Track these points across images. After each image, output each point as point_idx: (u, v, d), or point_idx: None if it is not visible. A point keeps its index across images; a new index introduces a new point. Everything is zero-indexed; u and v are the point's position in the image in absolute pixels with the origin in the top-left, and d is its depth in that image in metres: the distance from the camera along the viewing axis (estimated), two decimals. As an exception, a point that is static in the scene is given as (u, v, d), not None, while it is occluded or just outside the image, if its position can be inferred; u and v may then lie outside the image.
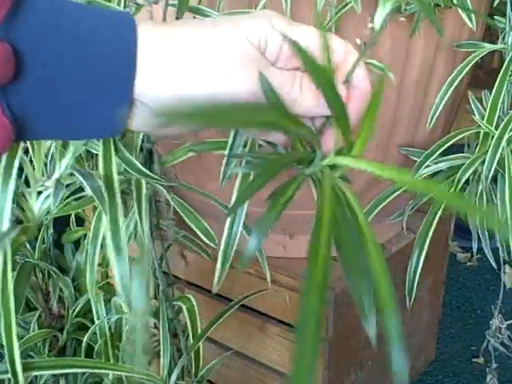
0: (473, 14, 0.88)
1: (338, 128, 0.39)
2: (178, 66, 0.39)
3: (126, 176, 0.65)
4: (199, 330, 0.76)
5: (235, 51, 0.40)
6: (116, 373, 0.72)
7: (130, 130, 0.43)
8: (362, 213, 0.36)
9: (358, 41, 0.61)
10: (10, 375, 0.63)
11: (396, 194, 0.99)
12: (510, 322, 1.05)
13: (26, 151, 0.67)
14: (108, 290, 0.82)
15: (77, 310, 0.77)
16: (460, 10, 0.87)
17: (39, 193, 0.68)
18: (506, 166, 0.93)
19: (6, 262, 0.60)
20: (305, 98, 0.42)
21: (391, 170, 0.35)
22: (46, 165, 0.68)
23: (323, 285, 0.29)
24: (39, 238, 0.94)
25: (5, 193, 0.60)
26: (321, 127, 0.45)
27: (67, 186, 0.67)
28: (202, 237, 0.71)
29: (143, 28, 0.40)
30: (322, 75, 0.37)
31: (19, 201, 0.66)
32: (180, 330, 0.76)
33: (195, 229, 0.70)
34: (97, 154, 0.66)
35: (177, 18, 0.65)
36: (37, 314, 0.81)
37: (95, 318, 0.76)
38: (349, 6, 0.80)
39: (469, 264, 2.11)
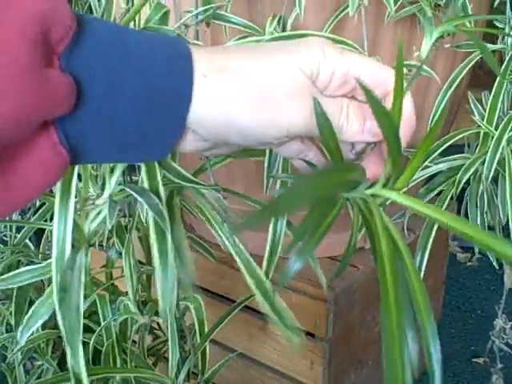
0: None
1: (389, 159, 0.39)
2: (232, 97, 0.40)
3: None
4: (206, 330, 0.76)
5: (289, 81, 0.41)
6: (124, 375, 0.72)
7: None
8: (407, 249, 0.36)
9: (405, 69, 0.62)
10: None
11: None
12: (512, 322, 1.05)
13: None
14: (113, 291, 0.82)
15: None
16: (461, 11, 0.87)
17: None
18: (507, 166, 0.93)
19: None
20: (352, 125, 0.44)
21: (438, 212, 0.35)
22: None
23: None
24: (43, 238, 0.95)
25: (65, 215, 0.60)
26: (361, 152, 0.45)
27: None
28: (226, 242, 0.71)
29: (198, 58, 0.40)
30: (387, 119, 0.37)
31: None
32: (187, 331, 0.76)
33: (220, 233, 0.70)
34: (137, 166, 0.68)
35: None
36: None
37: (101, 320, 0.76)
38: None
39: (469, 264, 2.11)
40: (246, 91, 0.40)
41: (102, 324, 0.75)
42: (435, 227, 0.92)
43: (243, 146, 0.46)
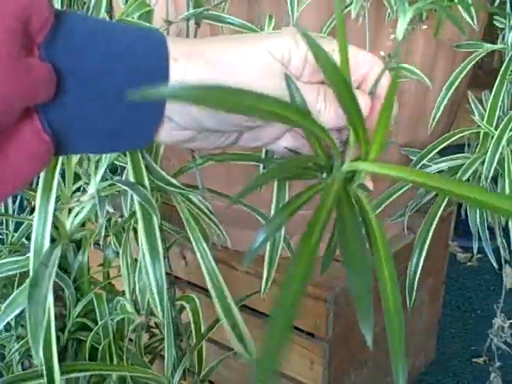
0: (474, 13, 0.88)
1: (353, 133, 0.39)
2: (203, 79, 0.41)
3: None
4: (203, 330, 0.76)
5: (258, 63, 0.42)
6: (120, 373, 0.72)
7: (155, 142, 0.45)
8: (374, 216, 0.36)
9: (382, 53, 0.62)
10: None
11: (397, 195, 0.99)
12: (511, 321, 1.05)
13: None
14: (110, 289, 0.82)
15: (78, 310, 0.77)
16: (461, 9, 0.87)
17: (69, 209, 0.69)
18: (506, 166, 0.93)
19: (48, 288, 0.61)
20: (329, 110, 0.44)
21: (414, 172, 0.35)
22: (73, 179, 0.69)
23: (304, 278, 0.30)
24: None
25: (45, 209, 0.61)
26: (346, 139, 0.45)
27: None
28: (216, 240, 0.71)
29: (172, 44, 0.41)
30: (337, 78, 0.37)
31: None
32: (183, 330, 0.76)
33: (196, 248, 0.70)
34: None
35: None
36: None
37: (98, 318, 0.76)
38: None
39: (469, 264, 2.11)
40: (216, 74, 0.41)
41: (100, 323, 0.76)
42: (433, 226, 0.92)
43: (220, 133, 0.46)
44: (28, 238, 0.95)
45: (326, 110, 0.44)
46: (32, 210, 0.96)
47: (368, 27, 0.82)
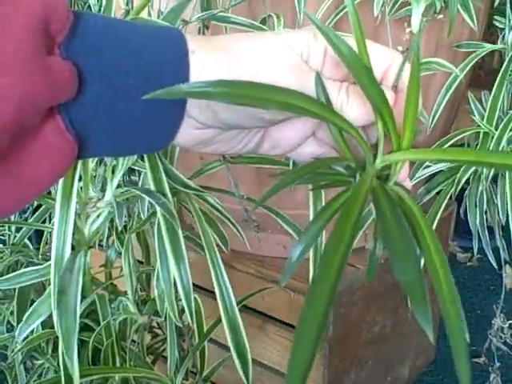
0: (474, 13, 0.88)
1: (382, 125, 0.38)
2: (221, 70, 0.40)
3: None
4: (205, 330, 0.76)
5: (281, 58, 0.41)
6: (123, 374, 0.72)
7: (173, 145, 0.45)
8: (418, 210, 0.35)
9: (400, 48, 0.61)
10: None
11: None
12: (511, 321, 1.05)
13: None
14: (112, 290, 0.82)
15: (80, 310, 0.77)
16: (461, 10, 0.87)
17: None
18: (507, 166, 0.93)
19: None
20: (352, 106, 0.42)
21: (451, 151, 0.34)
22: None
23: (334, 284, 0.29)
24: (43, 239, 0.94)
25: (66, 216, 0.60)
26: (375, 144, 0.44)
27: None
28: (218, 241, 0.71)
29: (189, 38, 0.41)
30: (363, 72, 0.37)
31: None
32: (185, 330, 0.76)
33: (212, 233, 0.70)
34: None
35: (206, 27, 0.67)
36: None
37: (100, 319, 0.76)
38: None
39: (469, 264, 2.11)
40: (234, 65, 0.41)
41: (102, 323, 0.76)
42: (434, 225, 0.92)
43: (240, 136, 0.45)
44: (29, 239, 0.95)
45: (349, 106, 0.42)
46: (34, 212, 0.96)
47: (389, 25, 0.82)
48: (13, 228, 0.96)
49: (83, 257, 0.63)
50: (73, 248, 0.64)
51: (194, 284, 1.21)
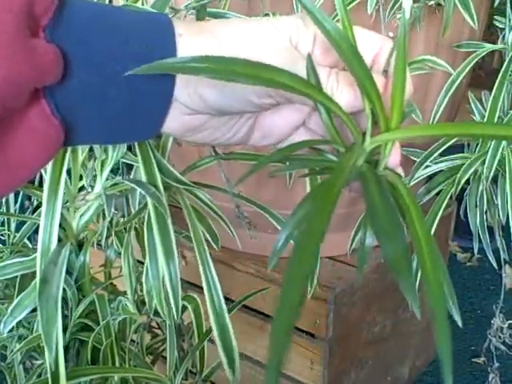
0: (474, 12, 0.88)
1: (370, 108, 0.38)
2: (208, 52, 0.40)
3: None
4: (204, 330, 0.76)
5: (268, 40, 0.41)
6: (122, 374, 0.72)
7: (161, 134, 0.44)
8: (408, 193, 0.35)
9: (391, 34, 0.61)
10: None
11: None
12: (511, 321, 1.05)
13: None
14: (112, 290, 0.82)
15: (80, 310, 0.77)
16: (462, 10, 0.87)
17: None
18: (507, 166, 0.93)
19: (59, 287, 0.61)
20: (342, 91, 0.42)
21: (438, 126, 0.34)
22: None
23: (307, 274, 0.29)
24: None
25: (53, 208, 0.60)
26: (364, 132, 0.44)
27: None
28: (209, 238, 0.71)
29: (176, 22, 0.41)
30: (351, 53, 0.37)
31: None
32: (185, 330, 0.76)
33: (202, 230, 0.70)
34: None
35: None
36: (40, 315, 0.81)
37: (100, 319, 0.76)
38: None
39: (469, 264, 2.11)
40: (222, 47, 0.40)
41: (101, 323, 0.75)
42: (435, 224, 0.92)
43: (225, 113, 0.44)
44: (29, 239, 0.95)
45: (339, 91, 0.42)
46: (34, 210, 0.95)
47: (383, 20, 0.82)
48: (12, 228, 0.96)
49: (68, 249, 0.63)
50: (60, 240, 0.64)
51: (193, 284, 1.21)
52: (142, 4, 0.67)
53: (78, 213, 0.67)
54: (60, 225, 0.62)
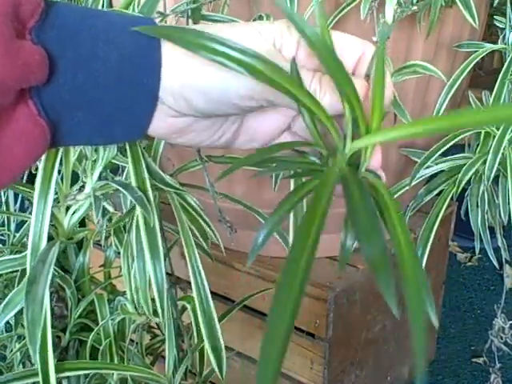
0: (475, 12, 0.88)
1: (350, 112, 0.38)
2: (194, 57, 0.40)
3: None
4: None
5: (251, 44, 0.41)
6: (121, 373, 0.72)
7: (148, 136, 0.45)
8: (389, 196, 0.35)
9: (374, 38, 0.61)
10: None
11: (397, 194, 0.99)
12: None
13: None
14: (111, 290, 0.82)
15: (79, 310, 0.77)
16: (463, 9, 0.87)
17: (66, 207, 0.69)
18: (508, 165, 0.93)
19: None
20: (325, 93, 0.42)
21: (423, 122, 0.34)
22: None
23: (305, 274, 0.29)
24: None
25: (43, 207, 0.60)
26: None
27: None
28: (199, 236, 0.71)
29: (162, 26, 0.42)
30: (329, 57, 0.37)
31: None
32: (184, 330, 0.76)
33: (195, 230, 0.70)
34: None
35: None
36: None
37: (99, 319, 0.76)
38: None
39: (469, 264, 2.11)
40: None
41: (100, 323, 0.75)
42: (436, 226, 0.92)
43: (211, 115, 0.44)
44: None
45: (322, 94, 0.42)
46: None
47: (376, 24, 0.82)
48: (12, 228, 0.96)
49: (58, 248, 0.63)
50: (52, 239, 0.64)
51: (191, 283, 1.21)
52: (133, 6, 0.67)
53: (69, 211, 0.68)
54: (52, 224, 0.63)
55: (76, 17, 0.39)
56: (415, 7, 0.84)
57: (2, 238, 0.98)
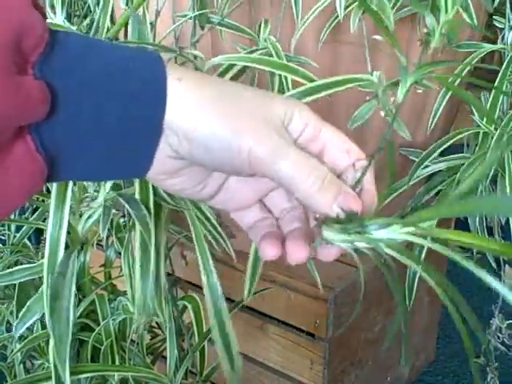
0: (474, 13, 0.88)
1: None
2: (204, 103, 0.40)
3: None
4: (204, 330, 0.76)
5: (260, 110, 0.41)
6: (122, 374, 0.72)
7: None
8: None
9: (382, 113, 0.62)
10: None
11: (396, 194, 0.99)
12: (510, 321, 1.05)
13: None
14: (112, 290, 0.82)
15: (80, 310, 0.77)
16: (461, 10, 0.87)
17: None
18: (506, 165, 0.93)
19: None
20: (326, 191, 0.42)
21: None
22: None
23: None
24: (43, 238, 0.94)
25: (60, 214, 0.60)
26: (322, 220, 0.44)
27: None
28: (213, 242, 0.71)
29: (172, 66, 0.41)
30: None
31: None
32: (185, 330, 0.76)
33: (208, 235, 0.70)
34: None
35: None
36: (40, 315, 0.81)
37: (100, 319, 0.76)
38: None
39: (469, 264, 2.11)
40: (218, 100, 0.41)
41: (101, 323, 0.76)
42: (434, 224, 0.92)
43: (205, 166, 0.44)
44: (29, 239, 0.95)
45: (323, 193, 0.41)
46: (34, 211, 0.96)
47: (366, 38, 0.82)
48: (12, 228, 0.96)
49: (76, 259, 0.62)
50: (67, 246, 0.64)
51: (193, 284, 1.21)
52: (144, 15, 0.67)
53: (82, 218, 0.67)
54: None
55: (79, 49, 0.38)
56: (419, 90, 0.84)
57: (2, 237, 0.98)
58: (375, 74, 0.66)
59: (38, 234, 1.06)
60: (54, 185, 0.60)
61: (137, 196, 0.62)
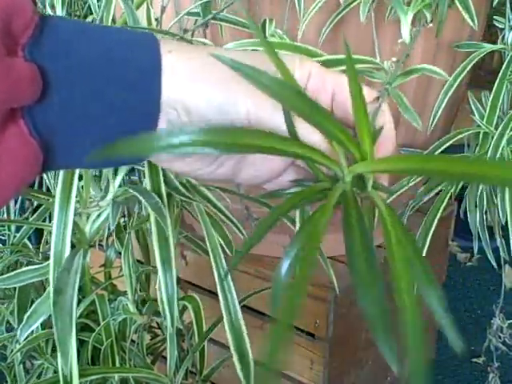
0: (474, 12, 0.88)
1: (339, 144, 0.38)
2: (196, 71, 0.40)
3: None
4: (205, 329, 0.76)
5: (260, 65, 0.39)
6: (122, 374, 0.72)
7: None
8: (391, 218, 0.35)
9: (394, 59, 0.61)
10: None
11: (396, 194, 0.99)
12: (511, 321, 1.05)
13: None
14: (112, 290, 0.82)
15: (80, 310, 0.77)
16: (461, 10, 0.87)
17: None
18: (506, 165, 0.93)
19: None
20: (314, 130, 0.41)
21: (418, 158, 0.33)
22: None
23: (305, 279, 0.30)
24: (43, 238, 0.94)
25: (65, 214, 0.59)
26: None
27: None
28: (224, 244, 0.71)
29: (164, 41, 0.41)
30: (300, 101, 0.36)
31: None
32: (185, 330, 0.76)
33: (217, 237, 0.70)
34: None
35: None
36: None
37: (100, 319, 0.76)
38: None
39: (469, 264, 2.11)
40: (212, 63, 0.39)
41: (102, 323, 0.76)
42: (434, 224, 0.92)
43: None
44: (29, 239, 0.95)
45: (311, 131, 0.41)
46: (34, 211, 0.95)
47: (375, 29, 0.82)
48: (13, 228, 0.96)
49: (82, 257, 0.62)
50: (73, 246, 0.64)
51: (193, 284, 1.21)
52: (148, 11, 0.67)
53: (90, 218, 0.67)
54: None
55: (71, 31, 0.38)
56: (431, 24, 0.84)
57: (2, 237, 0.98)
58: (386, 63, 0.65)
59: (38, 234, 1.05)
60: (59, 183, 0.59)
61: (148, 187, 0.61)
